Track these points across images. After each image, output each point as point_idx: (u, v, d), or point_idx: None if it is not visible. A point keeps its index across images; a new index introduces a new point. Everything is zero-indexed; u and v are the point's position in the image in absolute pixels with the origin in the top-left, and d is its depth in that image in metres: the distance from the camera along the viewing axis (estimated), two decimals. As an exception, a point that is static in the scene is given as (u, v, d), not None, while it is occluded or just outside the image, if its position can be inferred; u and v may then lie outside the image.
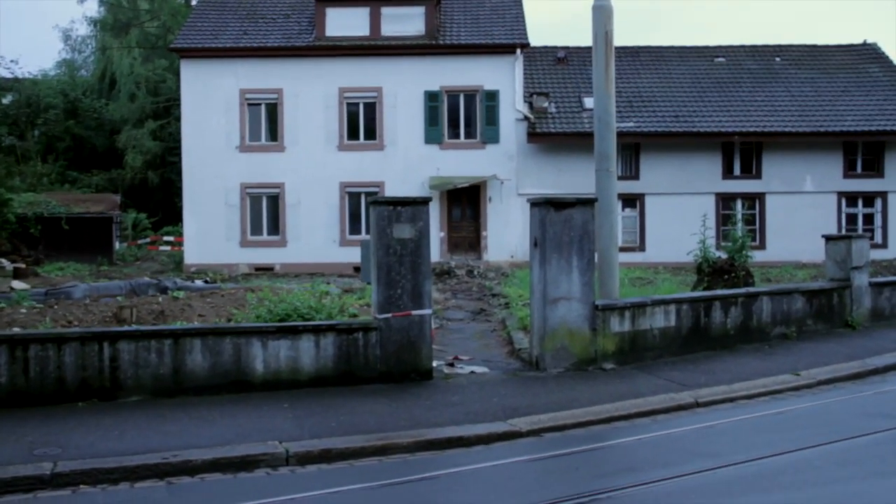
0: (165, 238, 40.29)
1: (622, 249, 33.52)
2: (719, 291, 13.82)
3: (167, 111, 45.14)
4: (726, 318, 13.41)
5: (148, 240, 41.16)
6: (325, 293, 14.74)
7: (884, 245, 31.60)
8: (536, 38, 54.77)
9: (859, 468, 7.73)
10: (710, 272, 16.25)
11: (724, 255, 17.06)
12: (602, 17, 13.07)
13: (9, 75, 46.08)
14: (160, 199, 45.41)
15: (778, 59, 34.77)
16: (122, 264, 35.50)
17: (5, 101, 46.49)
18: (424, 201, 11.47)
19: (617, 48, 35.74)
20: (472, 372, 11.96)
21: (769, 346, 13.72)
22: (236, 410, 9.89)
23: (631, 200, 31.57)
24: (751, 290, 14.28)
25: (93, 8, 67.88)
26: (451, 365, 12.31)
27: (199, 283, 25.62)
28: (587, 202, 11.88)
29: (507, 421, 9.46)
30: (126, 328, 11.60)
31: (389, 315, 11.26)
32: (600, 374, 11.74)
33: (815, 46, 35.64)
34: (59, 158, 46.25)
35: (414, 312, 11.34)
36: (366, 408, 10.01)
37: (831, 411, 10.24)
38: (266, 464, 8.33)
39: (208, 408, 9.98)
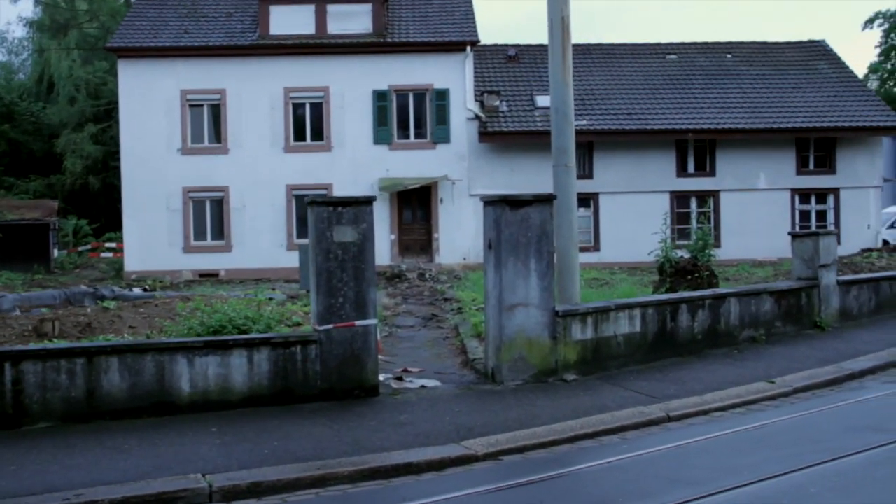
0: (107, 245, 38.64)
1: None
2: (685, 294, 12.88)
3: (108, 114, 43.44)
4: (693, 322, 12.47)
5: (89, 247, 39.50)
6: (264, 301, 13.55)
7: (838, 242, 31.04)
8: (487, 37, 53.94)
9: (861, 496, 6.77)
10: (672, 273, 15.33)
11: (685, 255, 16.16)
12: (558, 2, 12.06)
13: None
14: (102, 205, 43.69)
15: (729, 55, 34.17)
16: (61, 273, 33.91)
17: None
18: (368, 201, 10.36)
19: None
20: (423, 386, 10.87)
21: (738, 350, 12.79)
22: (157, 437, 8.69)
23: (585, 200, 30.62)
24: (718, 291, 13.36)
25: (28, 8, 65.76)
26: (400, 379, 11.21)
27: (136, 291, 24.22)
28: (545, 200, 10.87)
29: (462, 443, 8.37)
30: (31, 346, 10.33)
31: (330, 326, 10.14)
32: (562, 386, 10.71)
33: (765, 43, 35.10)
34: (-5, 164, 44.42)
35: (358, 323, 10.22)
36: (303, 431, 8.87)
37: (814, 425, 9.29)
38: (186, 501, 7.19)
39: (125, 435, 8.76)
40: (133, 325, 15.48)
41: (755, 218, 30.31)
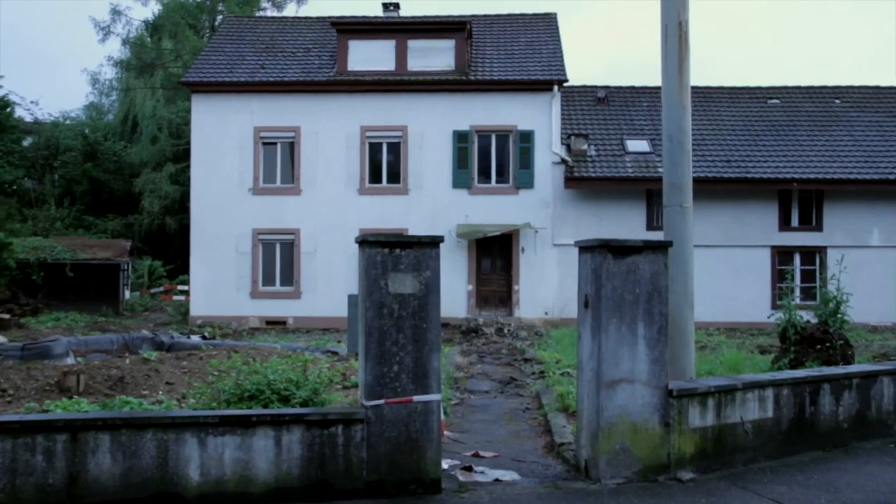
0: (180, 287, 37.16)
1: None
2: (827, 370, 10.21)
3: (187, 154, 42.19)
4: (838, 407, 9.80)
5: (161, 289, 38.10)
6: (311, 360, 11.31)
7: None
8: (574, 79, 51.92)
9: None
10: (797, 340, 12.66)
11: (811, 319, 13.45)
12: (674, 3, 9.71)
13: (29, 117, 43.68)
14: (178, 246, 42.41)
15: (838, 101, 31.23)
16: (129, 315, 32.45)
17: (25, 143, 43.98)
18: (433, 242, 8.08)
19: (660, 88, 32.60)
20: (498, 480, 8.45)
21: (895, 444, 10.07)
22: (146, 546, 6.48)
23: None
24: (866, 368, 10.64)
25: (116, 48, 66.05)
26: (469, 469, 8.80)
27: (195, 338, 22.34)
28: (658, 248, 8.43)
29: (548, 576, 5.97)
30: (2, 417, 8.23)
31: (381, 402, 7.83)
32: (676, 488, 8.17)
33: (878, 88, 32.05)
34: (77, 203, 43.55)
35: (416, 398, 7.89)
36: (338, 545, 6.57)
37: None
38: None
39: (106, 540, 6.58)
40: (171, 382, 13.43)
41: (867, 278, 27.09)
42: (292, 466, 7.67)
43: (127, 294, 35.97)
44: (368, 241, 7.94)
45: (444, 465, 8.81)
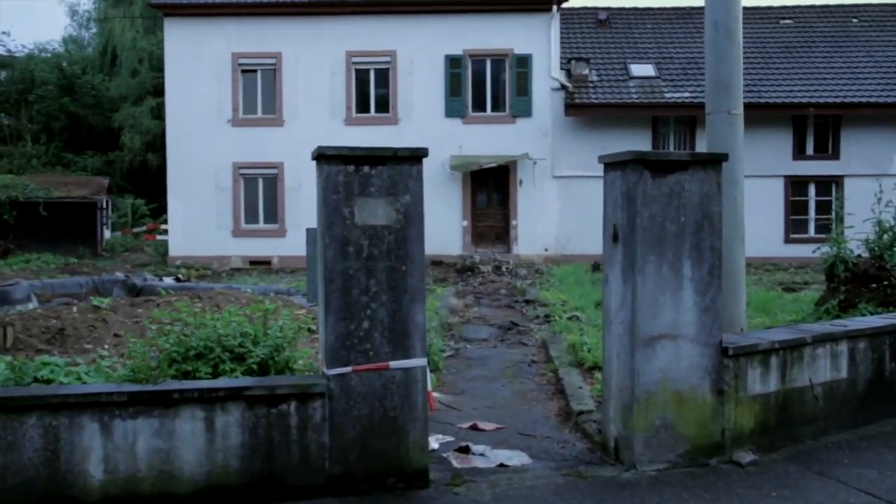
0: (164, 226, 35.01)
1: None
2: (906, 315, 8.18)
3: (170, 88, 39.79)
4: (922, 362, 7.79)
5: (144, 228, 36.01)
6: (269, 310, 9.21)
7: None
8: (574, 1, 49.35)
9: None
10: (847, 279, 10.63)
11: (861, 254, 11.39)
12: None
13: (1, 49, 41.05)
14: (162, 184, 39.88)
15: (855, 20, 28.80)
16: (109, 256, 30.38)
17: (-3, 77, 41.48)
18: (414, 156, 5.98)
19: (667, 9, 29.97)
20: (503, 465, 6.45)
21: None
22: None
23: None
24: (950, 311, 8.62)
25: None
26: (466, 450, 6.78)
27: (168, 280, 20.35)
28: (710, 162, 6.34)
29: None
30: None
31: (348, 369, 5.80)
32: (735, 475, 6.17)
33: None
34: (55, 139, 41.12)
35: (394, 364, 5.86)
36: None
37: None
38: None
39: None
40: (119, 334, 11.40)
41: (887, 209, 24.96)
42: (230, 457, 5.65)
43: (107, 234, 33.85)
44: (327, 156, 5.82)
45: (434, 443, 6.82)
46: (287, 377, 6.48)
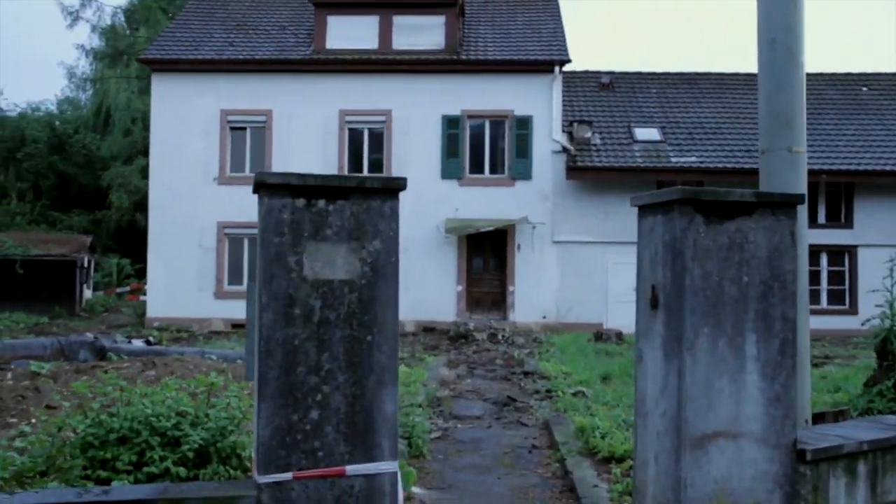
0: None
1: None
2: None
3: (161, 147, 38.46)
4: None
5: (128, 288, 34.28)
6: (216, 384, 7.49)
7: None
8: (575, 65, 48.66)
9: None
10: (903, 356, 8.99)
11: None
12: None
13: (-7, 109, 39.90)
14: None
15: (864, 88, 27.58)
16: (87, 315, 28.65)
17: (-14, 135, 40.12)
18: (387, 189, 4.36)
19: (672, 74, 28.60)
20: None
21: None
22: None
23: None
24: None
25: (85, 34, 62.22)
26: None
27: (137, 343, 18.62)
28: (782, 205, 4.73)
29: None
30: None
31: (288, 476, 4.11)
32: None
33: (908, 75, 28.52)
34: (43, 197, 39.66)
35: (351, 469, 4.17)
36: None
37: None
38: None
39: None
40: (53, 406, 9.65)
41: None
42: None
43: (88, 293, 32.13)
44: (268, 186, 4.21)
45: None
46: (200, 485, 4.74)
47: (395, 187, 4.38)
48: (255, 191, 4.34)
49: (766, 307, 4.63)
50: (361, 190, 4.30)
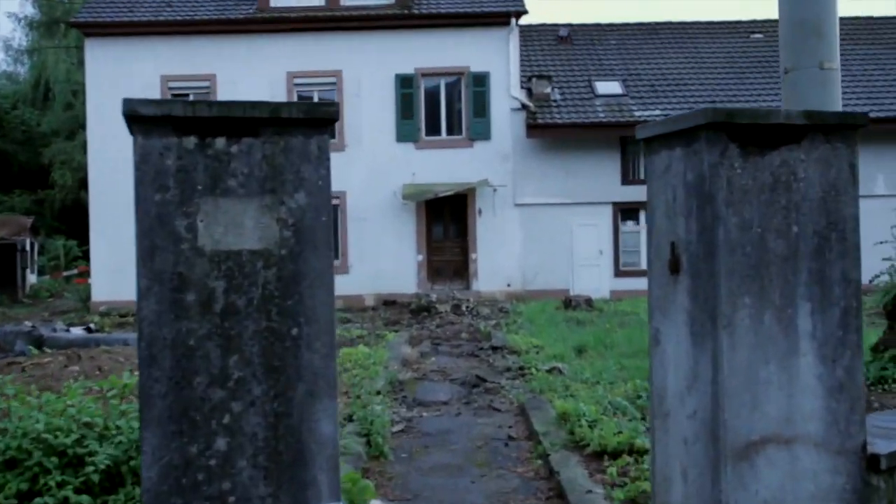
0: (97, 268, 31.69)
1: (646, 272, 24.99)
2: None
3: (104, 120, 36.57)
4: None
5: (75, 271, 32.62)
6: (130, 385, 6.24)
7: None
8: (531, 18, 47.13)
9: None
10: (917, 315, 7.98)
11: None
12: None
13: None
14: (97, 223, 36.78)
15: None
16: (30, 302, 27.04)
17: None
18: (312, 121, 3.11)
19: (633, 25, 27.21)
20: None
21: None
22: None
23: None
24: None
25: (16, 1, 59.54)
26: None
27: (77, 331, 17.21)
28: (839, 129, 3.57)
29: None
30: None
31: (185, 533, 2.90)
32: None
33: (871, 18, 27.54)
34: (-19, 178, 37.73)
35: (276, 518, 2.98)
36: None
37: None
38: None
39: None
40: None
41: (869, 232, 22.57)
42: None
43: (32, 278, 30.47)
44: (144, 119, 2.96)
45: None
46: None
47: (323, 117, 3.14)
48: (129, 128, 3.09)
49: (822, 266, 3.48)
50: (277, 122, 3.06)
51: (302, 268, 3.06)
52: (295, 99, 23.28)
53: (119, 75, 23.09)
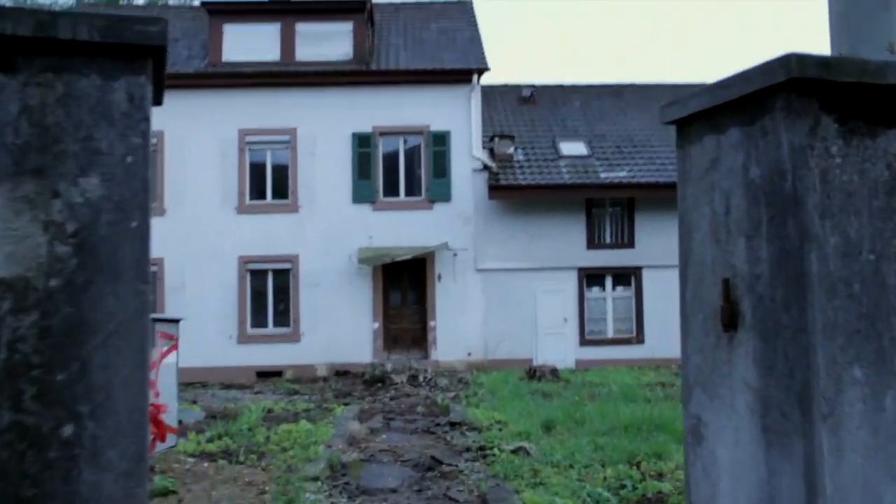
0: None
1: (612, 341, 24.10)
2: None
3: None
4: None
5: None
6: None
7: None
8: (493, 78, 46.29)
9: None
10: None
11: None
12: None
13: None
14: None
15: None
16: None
17: None
18: (119, 48, 1.74)
19: (597, 87, 25.94)
20: None
21: None
22: None
23: (624, 276, 22.19)
24: None
25: None
26: None
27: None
28: None
29: None
30: None
31: None
32: None
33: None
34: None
35: None
36: None
37: None
38: None
39: None
40: None
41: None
42: None
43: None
44: None
45: None
46: None
47: (138, 43, 1.77)
48: None
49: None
50: (51, 48, 1.67)
51: (88, 312, 1.65)
52: (247, 157, 21.98)
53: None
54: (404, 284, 22.29)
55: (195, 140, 21.76)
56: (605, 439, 9.09)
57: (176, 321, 4.74)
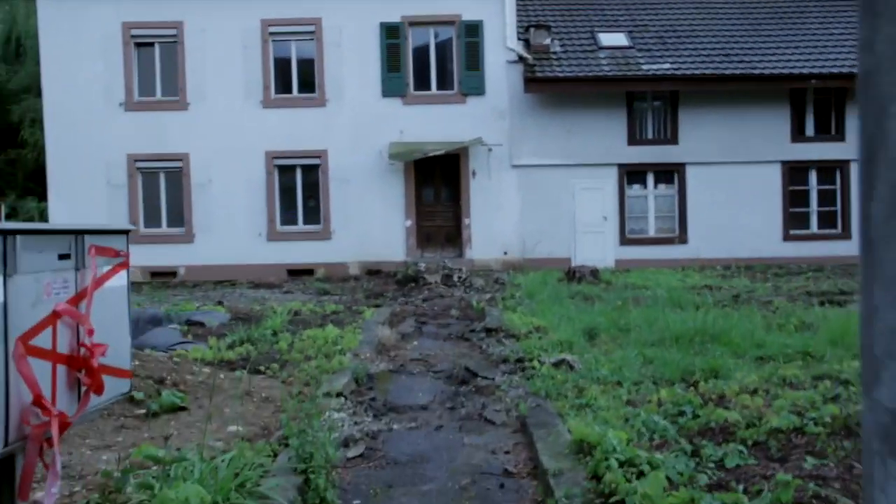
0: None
1: (654, 241, 21.10)
2: None
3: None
4: None
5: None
6: None
7: None
8: None
9: None
10: None
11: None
12: None
13: None
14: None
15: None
16: None
17: None
18: None
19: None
20: None
21: None
22: None
23: (667, 173, 21.16)
24: None
25: None
26: None
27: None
28: None
29: None
30: None
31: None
32: None
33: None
34: (-49, 138, 35.22)
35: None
36: None
37: None
38: None
39: None
40: None
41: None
42: None
43: None
44: None
45: None
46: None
47: None
48: None
49: None
50: None
51: None
52: (270, 49, 20.92)
53: (76, 22, 20.72)
54: (437, 181, 21.46)
55: (215, 31, 20.83)
56: (654, 351, 8.31)
57: (124, 232, 3.86)
